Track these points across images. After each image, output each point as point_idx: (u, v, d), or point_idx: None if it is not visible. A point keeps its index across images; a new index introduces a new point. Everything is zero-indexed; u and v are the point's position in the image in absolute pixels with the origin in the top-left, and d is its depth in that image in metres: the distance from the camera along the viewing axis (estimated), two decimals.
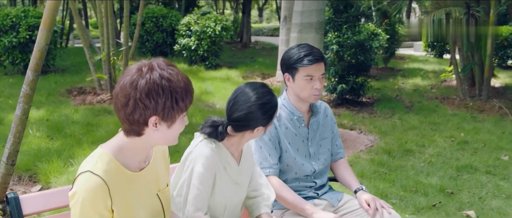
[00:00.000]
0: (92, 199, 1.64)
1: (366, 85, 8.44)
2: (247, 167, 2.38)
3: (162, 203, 1.91)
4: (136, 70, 1.65)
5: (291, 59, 2.67)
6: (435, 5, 8.94)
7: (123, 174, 1.73)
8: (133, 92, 1.62)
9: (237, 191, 2.32)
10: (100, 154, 1.72)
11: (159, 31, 12.82)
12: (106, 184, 1.65)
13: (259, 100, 2.18)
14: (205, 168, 2.15)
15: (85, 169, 1.68)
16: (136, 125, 1.67)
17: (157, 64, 1.66)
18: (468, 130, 6.97)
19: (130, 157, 1.76)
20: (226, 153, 2.25)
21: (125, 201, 1.73)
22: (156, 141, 1.74)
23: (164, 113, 1.64)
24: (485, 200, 4.58)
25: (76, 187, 1.67)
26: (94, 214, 1.65)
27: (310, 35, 6.24)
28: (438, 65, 13.85)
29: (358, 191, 2.77)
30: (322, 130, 2.85)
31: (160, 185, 1.91)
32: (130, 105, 1.63)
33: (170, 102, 1.63)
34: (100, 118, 6.73)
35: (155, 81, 1.62)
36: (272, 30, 29.46)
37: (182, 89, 1.65)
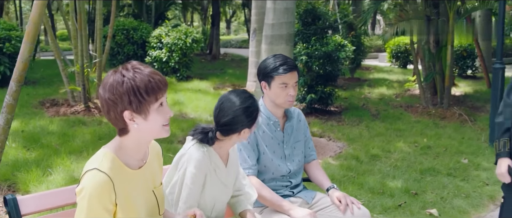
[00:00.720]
0: (99, 193, 1.83)
1: (334, 94, 8.76)
2: (233, 169, 2.60)
3: (157, 199, 2.10)
4: (104, 81, 1.88)
5: (268, 68, 2.91)
6: (398, 17, 9.35)
7: (125, 172, 1.92)
8: (103, 94, 1.85)
9: (224, 191, 2.53)
10: (104, 153, 1.91)
11: (130, 43, 12.91)
12: (111, 180, 1.84)
13: (243, 104, 2.41)
14: (197, 169, 2.35)
15: (92, 167, 1.86)
16: (118, 123, 1.88)
17: (123, 66, 1.88)
18: (430, 136, 7.34)
19: (130, 156, 1.95)
20: (215, 156, 2.46)
21: (126, 196, 1.91)
22: (144, 135, 1.92)
23: (133, 107, 1.83)
24: (447, 199, 4.90)
25: (84, 183, 1.85)
26: (100, 207, 1.83)
27: (280, 46, 6.51)
28: (402, 75, 14.33)
29: (330, 189, 3.01)
30: (296, 133, 3.09)
31: (156, 182, 2.10)
32: (105, 106, 1.86)
33: (133, 96, 1.81)
34: (75, 128, 6.82)
35: (116, 80, 1.82)
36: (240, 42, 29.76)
37: (145, 83, 1.83)
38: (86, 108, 7.83)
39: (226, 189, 2.54)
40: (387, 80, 13.07)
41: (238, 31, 50.28)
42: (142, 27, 13.18)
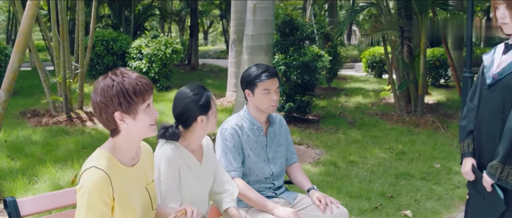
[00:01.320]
0: (98, 189, 1.99)
1: (312, 103, 9.00)
2: (210, 165, 2.78)
3: (150, 195, 2.28)
4: (95, 86, 2.08)
5: (250, 76, 3.11)
6: (373, 28, 9.66)
7: (120, 169, 2.10)
8: (94, 98, 2.04)
9: (201, 185, 2.70)
10: (100, 153, 2.09)
11: (110, 54, 12.99)
12: (108, 176, 2.01)
13: (192, 93, 2.62)
14: (168, 166, 2.54)
15: (90, 165, 2.03)
16: (110, 124, 2.07)
17: (112, 72, 2.07)
18: (405, 142, 7.61)
19: (123, 154, 2.13)
20: (185, 152, 2.64)
21: (122, 192, 2.08)
22: (133, 134, 2.10)
23: (123, 108, 2.02)
24: (420, 201, 5.14)
25: (83, 181, 2.02)
26: (99, 202, 2.00)
27: (260, 57, 6.72)
28: (377, 84, 14.68)
29: (310, 190, 3.21)
30: (278, 138, 3.29)
31: (148, 180, 2.28)
32: (97, 109, 2.05)
33: (123, 97, 2.01)
34: (58, 138, 6.91)
35: (106, 84, 2.02)
36: (218, 52, 29.95)
37: (133, 85, 2.02)
38: (68, 118, 7.91)
39: (203, 184, 2.72)
40: (363, 89, 13.39)
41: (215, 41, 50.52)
42: (121, 38, 13.28)
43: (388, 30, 9.55)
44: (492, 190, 2.65)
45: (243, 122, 3.16)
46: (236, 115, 3.24)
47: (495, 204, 2.65)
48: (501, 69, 2.66)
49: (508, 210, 2.63)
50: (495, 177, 2.59)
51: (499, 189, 2.63)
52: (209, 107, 2.63)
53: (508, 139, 2.54)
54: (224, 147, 3.06)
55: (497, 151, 2.59)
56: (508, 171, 2.54)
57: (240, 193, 2.98)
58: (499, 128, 2.62)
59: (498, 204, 2.63)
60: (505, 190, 2.62)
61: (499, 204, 2.63)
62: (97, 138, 6.97)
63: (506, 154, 2.55)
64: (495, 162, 2.58)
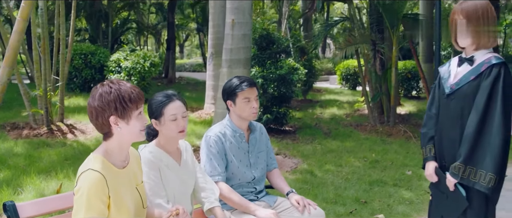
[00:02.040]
0: (96, 189, 2.20)
1: (288, 114, 9.26)
2: (189, 167, 3.00)
3: (140, 194, 2.49)
4: (93, 92, 2.31)
5: (231, 87, 3.35)
6: (346, 42, 10.01)
7: (113, 170, 2.31)
8: (92, 103, 2.27)
9: (182, 185, 2.93)
10: (94, 157, 2.31)
11: (88, 67, 13.07)
12: (103, 177, 2.22)
13: (153, 98, 2.88)
14: (149, 166, 2.79)
15: (86, 168, 2.24)
16: (104, 128, 2.28)
17: (108, 81, 2.31)
18: (378, 151, 7.92)
19: (115, 157, 2.35)
20: (164, 154, 2.88)
21: (116, 191, 2.29)
22: (125, 138, 2.32)
23: (118, 112, 2.25)
24: (393, 206, 5.42)
25: (80, 183, 2.22)
26: (97, 200, 2.20)
27: (238, 70, 6.95)
28: (352, 96, 15.06)
29: (289, 193, 3.45)
30: (259, 144, 3.52)
31: (138, 181, 2.50)
32: (94, 113, 2.27)
33: (119, 103, 2.24)
34: (40, 150, 7.00)
35: (105, 91, 2.26)
36: (194, 66, 30.12)
37: (128, 93, 2.27)
38: (49, 130, 8.00)
39: (184, 184, 2.94)
40: (338, 101, 13.73)
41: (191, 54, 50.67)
42: (99, 51, 13.37)
43: (361, 44, 9.91)
44: (455, 189, 2.92)
45: (226, 130, 3.39)
46: (219, 123, 3.46)
47: (458, 202, 2.92)
48: (458, 80, 2.94)
49: (470, 207, 2.90)
50: (458, 177, 2.86)
51: (461, 188, 2.90)
52: (160, 114, 2.83)
53: (468, 141, 2.82)
54: (209, 153, 3.28)
55: (459, 153, 2.86)
56: (470, 171, 2.81)
57: (224, 196, 3.20)
58: (459, 133, 2.90)
59: (461, 201, 2.90)
60: (467, 189, 2.88)
61: (461, 201, 2.89)
62: (79, 150, 7.09)
63: (467, 155, 2.82)
64: (458, 163, 2.85)
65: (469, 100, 2.87)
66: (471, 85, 2.87)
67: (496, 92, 2.79)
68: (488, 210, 2.87)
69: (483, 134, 2.77)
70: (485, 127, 2.77)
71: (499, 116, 2.76)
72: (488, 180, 2.73)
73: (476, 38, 2.84)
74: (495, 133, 2.75)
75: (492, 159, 2.73)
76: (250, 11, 7.07)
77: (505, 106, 2.77)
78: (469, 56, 2.94)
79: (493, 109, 2.78)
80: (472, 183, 2.81)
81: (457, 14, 2.89)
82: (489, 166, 2.74)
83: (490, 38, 2.87)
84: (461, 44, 2.92)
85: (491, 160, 2.74)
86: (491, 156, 2.74)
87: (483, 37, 2.84)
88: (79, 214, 2.21)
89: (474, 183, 2.80)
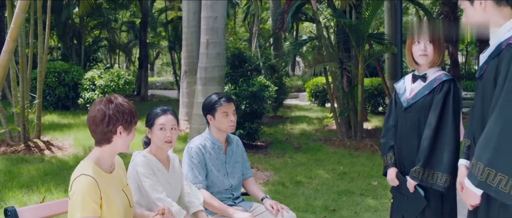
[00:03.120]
0: (89, 191, 2.49)
1: (260, 130, 9.62)
2: (176, 174, 3.33)
3: (127, 195, 2.78)
4: (105, 101, 2.62)
5: (211, 103, 3.69)
6: (315, 61, 10.46)
7: (102, 175, 2.61)
8: (107, 111, 2.57)
9: (170, 189, 3.23)
10: (86, 163, 2.60)
11: (61, 85, 13.21)
12: (95, 180, 2.52)
13: (151, 110, 3.28)
14: (144, 167, 3.11)
15: (79, 173, 2.53)
16: (109, 134, 2.58)
17: (117, 96, 2.66)
18: (346, 164, 8.34)
19: (103, 163, 2.65)
20: (154, 160, 3.20)
21: (107, 193, 2.59)
22: (118, 147, 2.63)
23: (126, 125, 2.59)
24: (359, 213, 5.80)
25: (75, 187, 2.50)
26: (91, 201, 2.48)
27: (213, 87, 7.30)
28: (321, 112, 15.53)
29: (264, 199, 3.79)
30: (235, 155, 3.86)
31: (123, 184, 2.80)
32: (106, 119, 2.56)
33: (128, 116, 2.59)
34: (19, 166, 7.17)
35: (121, 103, 2.59)
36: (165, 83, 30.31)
37: (134, 110, 2.63)
38: (26, 147, 8.17)
39: (172, 189, 3.25)
40: (307, 117, 14.17)
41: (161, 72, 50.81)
42: (73, 69, 13.54)
43: (329, 62, 10.38)
44: (414, 190, 3.31)
45: (206, 142, 3.71)
46: (199, 136, 3.79)
47: (417, 202, 3.31)
48: (414, 94, 3.36)
49: (428, 206, 3.29)
50: (418, 179, 3.25)
51: (420, 189, 3.29)
52: (152, 124, 3.21)
53: (425, 148, 3.21)
54: (190, 163, 3.60)
55: (418, 158, 3.26)
56: (428, 173, 3.21)
57: (206, 202, 3.51)
58: (417, 141, 3.30)
59: (420, 201, 3.29)
60: (425, 189, 3.28)
61: (421, 201, 3.29)
62: (58, 166, 7.29)
63: (425, 159, 3.21)
64: (417, 167, 3.24)
65: (425, 112, 3.28)
66: (425, 99, 3.29)
67: (447, 104, 3.21)
68: (444, 207, 3.27)
69: (438, 141, 3.18)
70: (439, 135, 3.18)
71: (451, 124, 3.17)
72: (444, 180, 3.13)
73: (435, 57, 3.27)
74: (448, 140, 3.16)
75: (447, 162, 3.14)
76: (224, 32, 7.44)
77: (456, 116, 3.19)
78: (422, 74, 3.35)
79: (445, 119, 3.19)
80: (430, 184, 3.20)
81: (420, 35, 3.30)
82: (445, 168, 3.14)
83: (442, 58, 3.30)
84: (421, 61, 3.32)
85: (445, 163, 3.14)
86: (445, 160, 3.14)
87: (439, 56, 3.27)
88: (76, 215, 2.49)
89: (431, 184, 3.19)
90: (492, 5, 2.52)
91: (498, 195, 2.36)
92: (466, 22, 2.64)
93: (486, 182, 2.38)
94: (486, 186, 2.39)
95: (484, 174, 2.37)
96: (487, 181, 2.37)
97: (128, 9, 22.97)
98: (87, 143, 8.89)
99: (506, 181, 2.32)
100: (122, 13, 23.22)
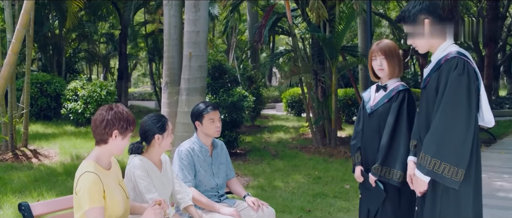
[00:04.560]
0: (94, 186, 2.89)
1: (239, 138, 10.08)
2: (168, 174, 3.75)
3: (123, 189, 3.20)
4: (107, 107, 3.06)
5: (199, 110, 4.14)
6: (291, 72, 11.00)
7: (103, 171, 3.02)
8: (106, 116, 3.00)
9: (163, 188, 3.65)
10: (88, 162, 3.00)
11: (44, 96, 13.47)
12: (98, 176, 2.93)
13: (151, 119, 3.65)
14: (140, 169, 3.51)
15: (84, 171, 2.93)
16: (105, 135, 3.00)
17: (119, 105, 3.10)
18: (321, 169, 8.85)
19: (102, 161, 3.07)
20: (149, 163, 3.61)
21: (107, 186, 2.99)
22: (113, 148, 3.05)
23: (121, 130, 3.01)
24: (333, 213, 6.29)
25: (81, 184, 2.90)
26: (97, 194, 2.89)
27: (195, 97, 7.75)
28: (297, 122, 16.07)
29: (246, 196, 4.25)
30: (220, 158, 4.32)
31: (119, 179, 3.21)
32: (104, 122, 2.99)
33: (125, 123, 3.01)
34: (10, 173, 7.48)
35: (120, 111, 3.02)
36: (143, 94, 30.53)
37: (131, 119, 3.06)
38: (14, 155, 8.47)
39: (164, 188, 3.67)
40: (284, 126, 14.68)
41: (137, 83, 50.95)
42: (55, 80, 13.81)
43: (304, 74, 10.92)
44: (376, 185, 3.81)
45: (194, 146, 4.17)
46: (188, 140, 4.24)
47: (378, 194, 3.81)
48: (376, 102, 3.87)
49: (387, 197, 3.78)
50: (377, 175, 3.75)
51: (380, 184, 3.79)
52: (164, 129, 3.62)
53: (383, 148, 3.71)
54: (181, 164, 4.05)
55: (377, 157, 3.76)
56: (385, 170, 3.71)
57: (195, 199, 3.96)
58: (378, 142, 3.80)
59: (380, 194, 3.79)
60: (384, 184, 3.78)
61: (381, 194, 3.79)
62: (46, 173, 7.62)
63: (383, 158, 3.71)
64: (376, 165, 3.74)
65: (384, 118, 3.79)
66: (385, 107, 3.80)
67: (402, 111, 3.72)
68: (401, 199, 3.76)
69: (393, 143, 3.68)
70: (395, 138, 3.69)
71: (405, 128, 3.68)
72: (399, 176, 3.63)
73: (391, 70, 3.78)
74: (402, 141, 3.66)
75: (400, 161, 3.64)
76: (206, 45, 7.91)
77: (409, 122, 3.70)
78: (383, 84, 3.87)
79: (400, 123, 3.71)
80: (387, 179, 3.71)
81: (376, 52, 3.82)
82: (399, 166, 3.64)
83: (399, 69, 3.82)
84: (380, 74, 3.84)
85: (399, 162, 3.64)
86: (399, 159, 3.64)
87: (395, 69, 3.78)
88: (84, 207, 2.89)
89: (388, 179, 3.69)
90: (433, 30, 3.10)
91: (443, 180, 2.93)
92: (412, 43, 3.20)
93: (433, 170, 2.94)
94: (433, 173, 2.96)
95: (431, 164, 2.93)
96: (434, 169, 2.93)
97: (106, 21, 23.29)
98: (73, 151, 9.23)
99: (449, 168, 2.90)
100: (101, 24, 23.50)
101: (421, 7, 3.18)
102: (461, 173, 2.90)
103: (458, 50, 3.07)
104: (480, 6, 21.48)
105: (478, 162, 3.02)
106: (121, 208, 3.07)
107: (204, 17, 7.82)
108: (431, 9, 3.17)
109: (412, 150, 3.37)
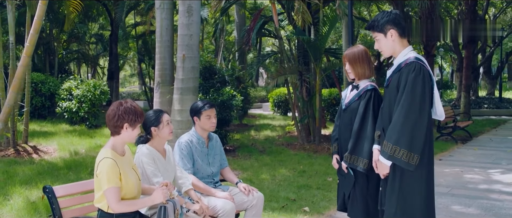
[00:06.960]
0: (112, 169, 3.43)
1: (228, 136, 10.65)
2: (171, 161, 4.30)
3: (136, 172, 3.75)
4: (117, 104, 3.58)
5: (197, 107, 4.71)
6: (277, 73, 11.59)
7: (118, 157, 3.55)
8: (117, 111, 3.52)
9: (167, 172, 4.20)
10: (105, 150, 3.53)
11: (38, 95, 13.90)
12: (115, 161, 3.47)
13: (148, 114, 4.20)
14: (147, 157, 4.06)
15: (103, 157, 3.46)
16: (118, 128, 3.52)
17: (129, 100, 3.62)
18: (305, 164, 9.45)
19: (117, 149, 3.59)
20: (154, 151, 4.16)
21: (123, 170, 3.52)
22: (126, 138, 3.57)
23: (130, 122, 3.53)
24: (316, 202, 6.88)
25: (101, 168, 3.44)
26: (114, 176, 3.41)
27: (188, 96, 8.31)
28: (283, 121, 16.66)
29: (238, 183, 4.83)
30: (214, 149, 4.89)
31: (132, 163, 3.74)
32: (116, 117, 3.52)
33: (133, 116, 3.53)
34: (14, 167, 7.97)
35: (129, 106, 3.54)
36: (131, 94, 30.88)
37: (139, 112, 3.57)
38: (15, 151, 8.95)
39: (168, 173, 4.22)
40: (271, 125, 15.28)
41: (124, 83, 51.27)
42: (49, 80, 14.25)
43: (290, 74, 11.52)
44: (347, 171, 4.40)
45: (192, 138, 4.74)
46: (187, 133, 4.81)
47: (349, 180, 4.40)
48: (349, 100, 4.47)
49: (356, 182, 4.37)
50: (347, 163, 4.35)
51: (350, 170, 4.38)
52: (159, 121, 4.16)
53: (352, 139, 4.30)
54: (181, 154, 4.62)
55: (347, 147, 4.36)
56: (354, 158, 4.29)
57: (194, 184, 4.52)
58: (349, 135, 4.40)
59: (351, 179, 4.38)
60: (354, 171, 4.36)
61: (351, 179, 4.38)
62: (49, 167, 8.13)
63: (352, 148, 4.30)
64: (347, 154, 4.34)
65: (355, 113, 4.39)
66: (355, 104, 4.41)
67: (368, 108, 4.31)
68: (369, 184, 4.35)
69: (361, 134, 4.27)
70: (362, 130, 4.28)
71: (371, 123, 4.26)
72: (364, 163, 4.22)
73: (357, 72, 4.39)
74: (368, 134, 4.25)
75: (366, 151, 4.22)
76: (198, 48, 8.47)
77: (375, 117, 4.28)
78: (356, 84, 4.48)
79: (366, 119, 4.29)
80: (355, 166, 4.30)
81: (344, 59, 4.44)
82: (365, 155, 4.23)
83: (367, 71, 4.41)
84: (350, 77, 4.45)
85: (365, 151, 4.23)
86: (365, 149, 4.23)
87: (361, 71, 4.38)
88: (103, 187, 3.43)
89: (356, 166, 4.29)
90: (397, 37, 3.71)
91: (402, 163, 3.57)
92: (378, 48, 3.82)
93: (393, 155, 3.56)
94: (394, 158, 3.57)
95: (392, 150, 3.55)
96: (394, 155, 3.55)
97: (96, 22, 23.72)
98: (71, 148, 9.74)
99: (406, 154, 3.53)
100: (91, 25, 23.91)
101: (388, 18, 3.80)
102: (417, 158, 3.53)
103: (416, 56, 3.71)
104: (460, 8, 22.26)
105: (430, 149, 3.66)
106: (135, 188, 3.63)
107: (196, 21, 8.39)
108: (396, 21, 3.79)
109: (377, 140, 3.99)
